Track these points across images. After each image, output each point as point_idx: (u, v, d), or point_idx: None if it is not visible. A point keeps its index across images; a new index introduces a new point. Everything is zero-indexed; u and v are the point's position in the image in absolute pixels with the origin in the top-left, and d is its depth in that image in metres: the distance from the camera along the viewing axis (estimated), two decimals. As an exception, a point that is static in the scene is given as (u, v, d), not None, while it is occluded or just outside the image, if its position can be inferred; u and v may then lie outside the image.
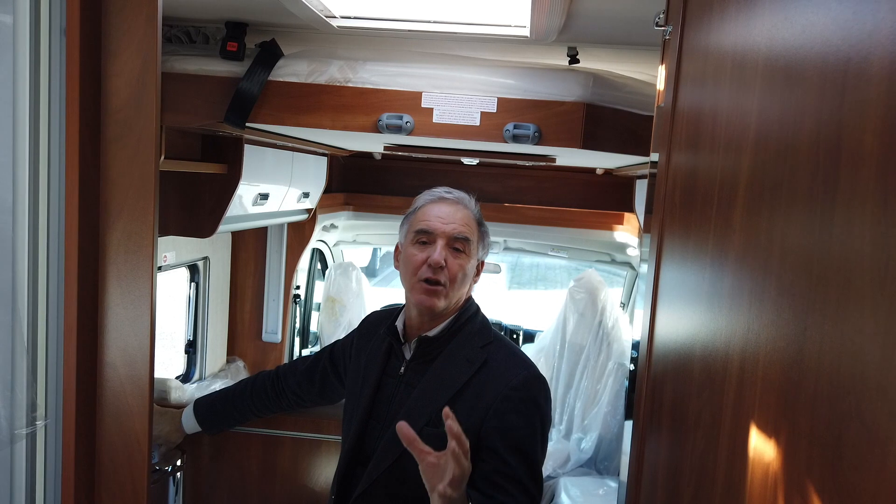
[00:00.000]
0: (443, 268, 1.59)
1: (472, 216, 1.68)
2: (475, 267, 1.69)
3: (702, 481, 0.81)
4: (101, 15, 1.19)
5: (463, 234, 1.62)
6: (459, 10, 1.79)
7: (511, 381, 1.54)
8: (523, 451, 1.51)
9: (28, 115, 1.11)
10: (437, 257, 1.58)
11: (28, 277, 1.15)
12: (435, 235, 1.61)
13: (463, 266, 1.62)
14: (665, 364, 1.05)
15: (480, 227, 1.69)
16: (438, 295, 1.59)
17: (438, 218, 1.63)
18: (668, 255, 1.08)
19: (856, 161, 0.50)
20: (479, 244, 1.68)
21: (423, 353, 1.62)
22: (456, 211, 1.65)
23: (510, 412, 1.52)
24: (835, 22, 0.55)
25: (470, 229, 1.64)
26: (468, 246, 1.63)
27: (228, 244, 3.38)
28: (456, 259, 1.61)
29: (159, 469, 1.99)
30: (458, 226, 1.62)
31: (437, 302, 1.60)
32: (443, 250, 1.60)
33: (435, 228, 1.62)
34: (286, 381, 1.95)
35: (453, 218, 1.63)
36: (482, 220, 1.71)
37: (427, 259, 1.59)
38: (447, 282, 1.59)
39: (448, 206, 1.65)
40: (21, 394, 1.16)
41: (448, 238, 1.61)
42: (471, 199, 1.71)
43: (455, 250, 1.61)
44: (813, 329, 0.55)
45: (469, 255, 1.63)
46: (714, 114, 0.87)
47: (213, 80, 1.96)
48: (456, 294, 1.62)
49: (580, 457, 3.27)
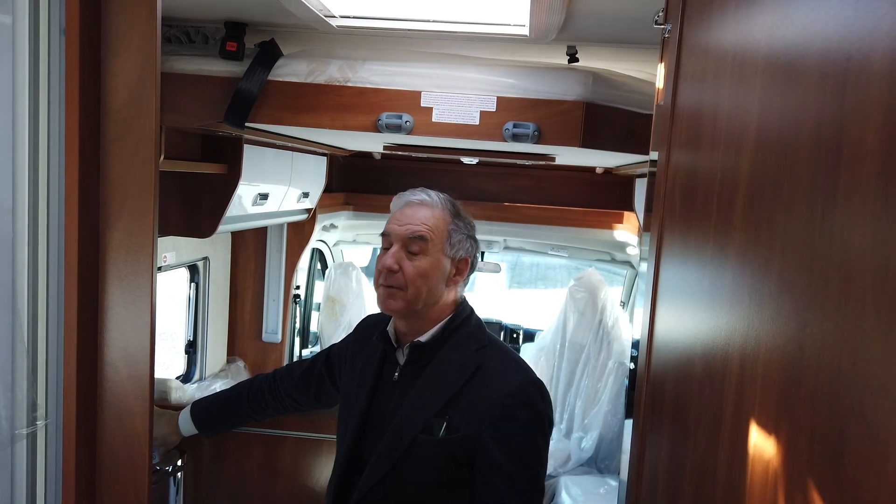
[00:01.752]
0: (395, 272, 1.55)
1: (438, 214, 1.60)
2: (449, 266, 1.60)
3: (703, 479, 0.81)
4: (101, 15, 1.19)
5: (417, 233, 1.56)
6: (459, 10, 1.79)
7: (507, 388, 1.51)
8: (521, 457, 1.49)
9: (28, 116, 1.11)
10: (386, 261, 1.55)
11: (28, 277, 1.15)
12: (391, 238, 1.59)
13: (421, 267, 1.55)
14: (665, 362, 1.05)
15: (451, 224, 1.61)
16: (395, 297, 1.55)
17: (396, 220, 1.59)
18: (668, 254, 1.08)
19: (857, 159, 0.50)
20: (445, 242, 1.59)
21: (416, 359, 1.60)
22: (416, 211, 1.59)
23: (506, 419, 1.49)
24: (835, 19, 0.55)
25: (428, 227, 1.57)
26: (425, 245, 1.56)
27: (228, 244, 3.38)
28: (412, 261, 1.56)
29: (160, 469, 1.99)
30: (412, 226, 1.57)
31: (394, 303, 1.56)
32: (396, 253, 1.56)
33: (390, 230, 1.59)
34: (283, 384, 1.94)
35: (411, 219, 1.58)
36: (458, 216, 1.64)
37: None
38: (403, 285, 1.55)
39: (410, 208, 1.61)
40: (21, 394, 1.16)
41: (402, 240, 1.56)
42: (440, 196, 1.64)
43: (410, 253, 1.56)
44: (813, 326, 0.55)
45: (427, 254, 1.57)
46: (714, 112, 0.87)
47: (212, 80, 1.96)
48: (421, 296, 1.56)
49: (581, 456, 3.27)
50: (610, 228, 3.64)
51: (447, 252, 1.60)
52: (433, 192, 1.66)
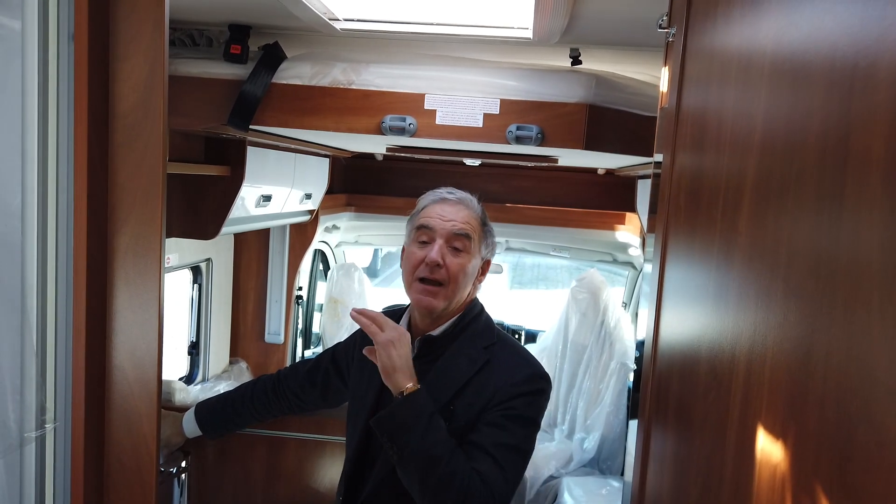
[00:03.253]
0: (440, 266, 1.58)
1: (475, 215, 1.67)
2: (478, 266, 1.67)
3: (708, 482, 0.81)
4: (109, 20, 1.20)
5: (463, 230, 1.61)
6: (462, 12, 1.80)
7: (512, 379, 1.55)
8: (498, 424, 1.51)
9: (37, 120, 1.12)
10: (434, 255, 1.57)
11: (37, 281, 1.15)
12: (434, 233, 1.61)
13: (463, 265, 1.60)
14: (670, 364, 1.05)
15: (484, 227, 1.68)
16: (437, 295, 1.59)
17: (439, 216, 1.62)
18: (673, 256, 1.08)
19: (863, 165, 0.51)
20: (481, 243, 1.66)
21: (426, 353, 1.63)
22: (457, 210, 1.64)
23: (503, 399, 1.53)
24: (841, 26, 0.56)
25: (471, 227, 1.63)
26: (468, 244, 1.61)
27: (231, 246, 3.39)
28: (455, 258, 1.60)
29: (164, 471, 1.99)
30: (457, 223, 1.61)
31: (435, 302, 1.59)
32: (441, 248, 1.59)
33: (434, 226, 1.61)
34: (287, 384, 1.95)
35: (454, 216, 1.62)
36: (486, 220, 1.71)
37: (425, 258, 1.59)
38: (446, 281, 1.58)
39: (450, 206, 1.65)
40: (30, 397, 1.16)
41: (447, 236, 1.60)
42: (473, 199, 1.70)
43: (454, 249, 1.60)
44: (821, 331, 0.55)
45: (470, 253, 1.62)
46: (719, 116, 0.88)
47: (216, 83, 1.96)
48: (457, 294, 1.61)
49: (583, 457, 3.28)
50: (611, 229, 3.64)
51: (482, 252, 1.67)
52: (464, 192, 1.71)
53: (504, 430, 1.51)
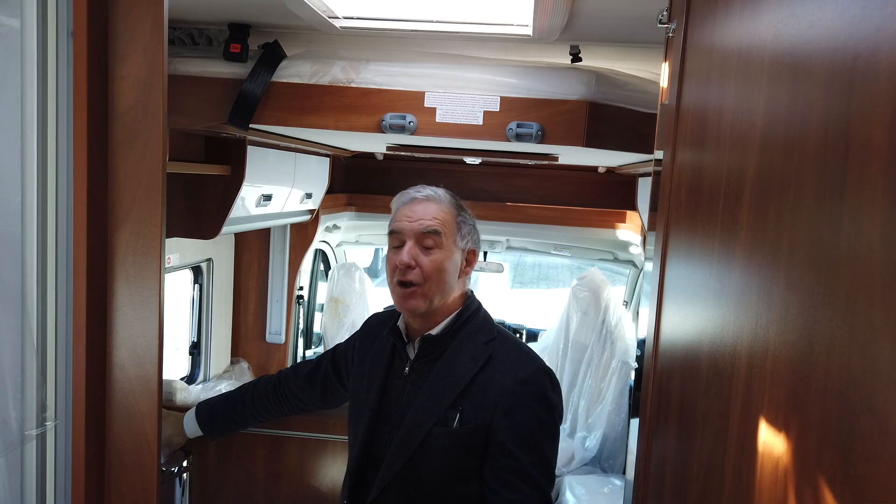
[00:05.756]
0: (412, 268, 1.57)
1: (445, 208, 1.63)
2: (460, 259, 1.64)
3: (710, 477, 0.81)
4: (108, 18, 1.20)
5: (430, 227, 1.59)
6: (462, 10, 1.80)
7: (518, 376, 1.54)
8: (531, 443, 1.50)
9: (36, 118, 1.12)
10: (404, 258, 1.57)
11: (37, 279, 1.16)
12: (403, 235, 1.60)
13: (437, 261, 1.58)
14: (672, 361, 1.05)
15: (458, 217, 1.65)
16: (415, 296, 1.57)
17: (406, 217, 1.61)
18: (674, 253, 1.08)
19: (864, 157, 0.50)
20: (455, 235, 1.63)
21: (427, 353, 1.62)
22: (425, 208, 1.62)
23: (517, 406, 1.51)
24: (842, 18, 0.55)
25: (439, 221, 1.60)
26: (439, 239, 1.59)
27: (232, 246, 3.39)
28: (428, 256, 1.58)
29: (165, 470, 1.99)
30: (424, 221, 1.59)
31: (414, 302, 1.58)
32: (411, 250, 1.57)
33: (402, 228, 1.60)
34: (288, 385, 1.95)
35: (421, 214, 1.60)
36: (462, 210, 1.67)
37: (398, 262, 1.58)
38: (421, 281, 1.57)
39: (417, 205, 1.63)
40: (31, 395, 1.16)
41: (416, 236, 1.59)
42: (443, 192, 1.68)
43: (425, 248, 1.59)
44: (822, 323, 0.55)
45: (442, 248, 1.60)
46: (719, 111, 0.88)
47: (216, 82, 1.96)
48: (439, 291, 1.59)
49: (584, 455, 3.28)
50: (612, 228, 3.64)
51: (459, 244, 1.64)
52: (433, 187, 1.68)
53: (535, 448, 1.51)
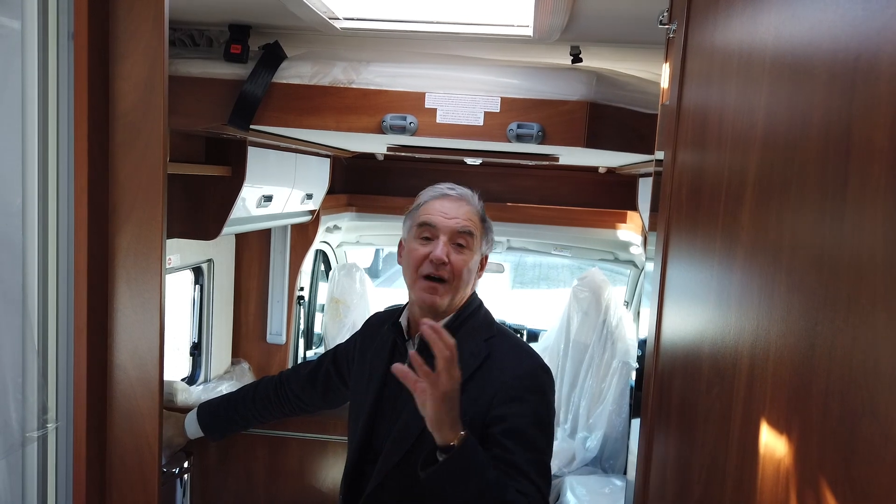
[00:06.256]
0: (445, 264, 1.58)
1: (476, 212, 1.67)
2: (479, 262, 1.68)
3: (712, 478, 0.81)
4: (109, 19, 1.20)
5: (466, 228, 1.61)
6: (462, 11, 1.79)
7: (516, 372, 1.55)
8: (523, 436, 1.49)
9: (37, 119, 1.12)
10: (440, 253, 1.57)
11: (38, 281, 1.16)
12: (437, 230, 1.61)
13: (467, 261, 1.61)
14: (673, 361, 1.05)
15: (484, 223, 1.69)
16: (440, 292, 1.59)
17: (441, 213, 1.62)
18: (675, 253, 1.08)
19: (866, 157, 0.50)
20: (482, 239, 1.67)
21: (427, 349, 1.62)
22: (459, 206, 1.64)
23: (514, 400, 1.51)
24: (843, 19, 0.55)
25: (473, 224, 1.63)
26: (471, 241, 1.62)
27: (232, 246, 3.39)
28: (459, 255, 1.60)
29: (166, 471, 1.99)
30: (461, 220, 1.61)
31: (439, 299, 1.59)
32: (445, 246, 1.59)
33: (438, 223, 1.61)
34: (289, 385, 1.95)
35: (456, 213, 1.62)
36: (485, 216, 1.71)
37: (429, 255, 1.59)
38: (450, 278, 1.59)
39: (451, 202, 1.64)
40: (32, 397, 1.16)
41: (451, 233, 1.60)
42: (474, 195, 1.70)
43: (458, 246, 1.60)
44: (824, 324, 0.55)
45: (472, 250, 1.63)
46: (720, 111, 0.88)
47: (216, 83, 1.96)
48: (460, 290, 1.62)
49: (585, 455, 3.27)
50: (613, 228, 3.64)
51: (482, 248, 1.67)
52: (463, 188, 1.70)
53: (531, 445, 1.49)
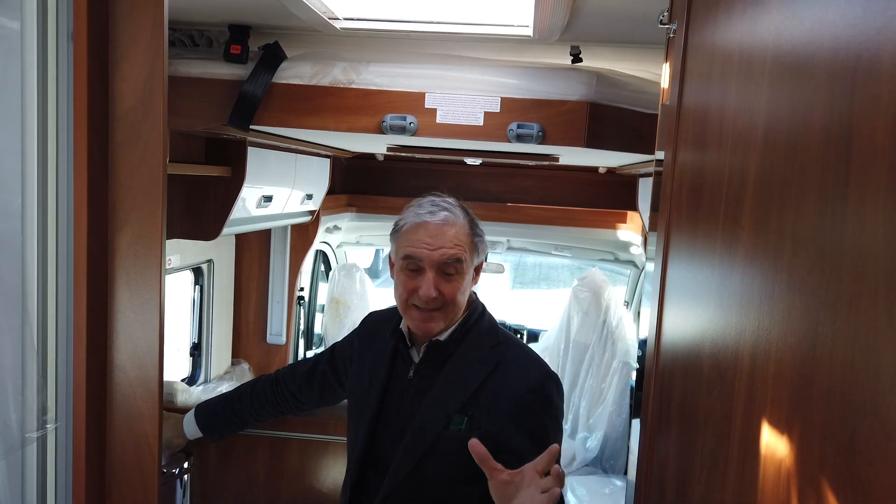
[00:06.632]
0: (436, 298, 1.52)
1: (462, 230, 1.56)
2: (472, 277, 1.61)
3: (712, 478, 0.81)
4: (108, 20, 1.20)
5: (453, 256, 1.52)
6: (462, 11, 1.80)
7: (527, 384, 1.53)
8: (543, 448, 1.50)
9: (36, 120, 1.12)
10: (427, 291, 1.50)
11: (37, 281, 1.15)
12: (422, 263, 1.52)
13: (458, 287, 1.54)
14: (673, 362, 1.05)
15: (473, 237, 1.59)
16: (434, 318, 1.54)
17: (425, 244, 1.52)
18: (676, 253, 1.08)
19: (867, 157, 0.50)
20: (472, 256, 1.59)
21: (432, 356, 1.61)
22: (443, 233, 1.53)
23: (528, 414, 1.51)
24: (844, 19, 0.55)
25: (461, 247, 1.54)
26: (461, 266, 1.54)
27: (232, 247, 3.39)
28: (449, 283, 1.53)
29: (166, 472, 1.99)
30: (447, 249, 1.51)
31: (434, 325, 1.55)
32: (434, 280, 1.51)
33: (423, 256, 1.51)
34: (286, 384, 1.95)
35: (441, 242, 1.52)
36: (474, 225, 1.61)
37: (416, 288, 1.52)
38: (443, 305, 1.54)
39: (434, 229, 1.52)
40: (31, 397, 1.16)
41: (437, 266, 1.52)
42: (457, 207, 1.59)
43: (447, 275, 1.53)
44: (825, 325, 0.55)
45: (463, 273, 1.55)
46: (721, 111, 0.88)
47: (216, 83, 1.96)
48: (456, 311, 1.58)
49: (586, 456, 3.28)
50: (613, 228, 3.64)
51: (474, 262, 1.61)
52: (447, 201, 1.60)
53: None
